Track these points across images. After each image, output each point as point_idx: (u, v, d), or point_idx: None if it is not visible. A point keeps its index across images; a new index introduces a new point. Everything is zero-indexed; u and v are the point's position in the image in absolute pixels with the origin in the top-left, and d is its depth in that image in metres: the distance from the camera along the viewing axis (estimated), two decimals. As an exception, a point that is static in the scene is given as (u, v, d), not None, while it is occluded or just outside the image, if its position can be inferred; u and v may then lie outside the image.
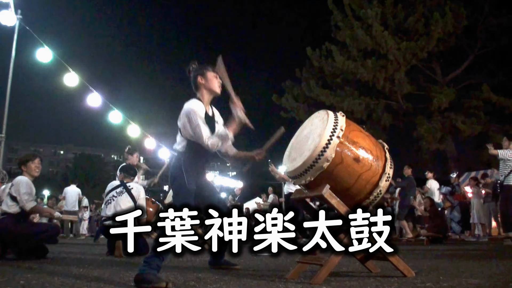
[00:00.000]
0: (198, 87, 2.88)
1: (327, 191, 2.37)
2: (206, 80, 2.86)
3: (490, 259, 3.98)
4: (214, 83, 2.86)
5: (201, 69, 2.88)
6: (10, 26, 7.55)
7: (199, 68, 2.90)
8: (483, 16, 14.53)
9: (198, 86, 2.88)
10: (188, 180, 2.70)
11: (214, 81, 2.86)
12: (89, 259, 4.38)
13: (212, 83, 2.86)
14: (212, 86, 2.86)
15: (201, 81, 2.86)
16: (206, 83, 2.86)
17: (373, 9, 14.03)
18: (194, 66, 2.92)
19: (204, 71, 2.87)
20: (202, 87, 2.87)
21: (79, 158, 54.50)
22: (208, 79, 2.86)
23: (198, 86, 2.88)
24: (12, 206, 4.15)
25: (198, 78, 2.86)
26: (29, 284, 2.40)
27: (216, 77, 2.88)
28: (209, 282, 2.45)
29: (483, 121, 13.98)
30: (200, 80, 2.86)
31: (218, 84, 2.88)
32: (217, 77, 2.88)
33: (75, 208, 11.81)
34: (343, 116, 2.52)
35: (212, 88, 2.86)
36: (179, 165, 2.75)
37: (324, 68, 16.29)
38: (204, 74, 2.86)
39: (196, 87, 2.89)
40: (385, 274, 2.68)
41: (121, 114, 9.71)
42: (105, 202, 5.15)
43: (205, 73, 2.86)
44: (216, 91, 2.87)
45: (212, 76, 2.87)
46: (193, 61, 2.94)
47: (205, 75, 2.86)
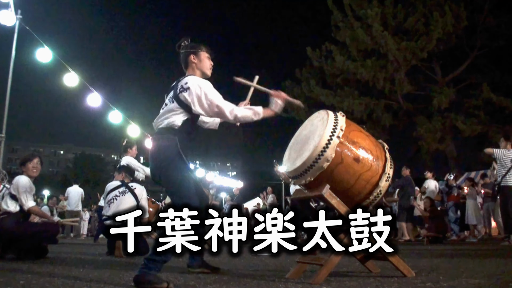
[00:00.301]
0: (188, 65, 2.72)
1: (327, 191, 2.37)
2: (199, 60, 2.70)
3: (490, 259, 3.98)
4: (206, 64, 2.73)
5: (195, 48, 2.72)
6: (10, 26, 7.55)
7: (192, 46, 2.73)
8: (483, 16, 14.54)
9: (188, 64, 2.71)
10: (187, 165, 2.45)
11: (206, 62, 2.73)
12: (89, 259, 4.38)
13: (205, 64, 2.72)
14: (204, 67, 2.71)
15: (194, 60, 2.70)
16: (198, 63, 2.70)
17: (373, 9, 14.04)
18: (186, 42, 2.76)
19: (197, 50, 2.71)
20: (194, 67, 2.70)
21: (79, 158, 54.52)
22: (201, 59, 2.71)
23: (188, 64, 2.71)
24: (12, 205, 4.15)
25: (191, 56, 2.70)
26: (29, 284, 2.40)
27: (209, 58, 2.75)
28: (209, 282, 2.45)
29: (483, 121, 13.98)
30: (193, 59, 2.70)
31: (210, 66, 2.75)
32: (209, 58, 2.76)
33: (78, 208, 11.80)
34: (343, 116, 2.51)
35: (203, 69, 2.71)
36: (173, 145, 2.41)
37: (324, 68, 16.30)
38: (197, 53, 2.71)
39: (187, 65, 2.72)
40: (385, 274, 2.67)
41: (121, 114, 9.71)
42: (107, 202, 5.12)
43: (198, 52, 2.71)
44: (206, 72, 2.72)
45: (205, 56, 2.73)
46: (185, 37, 2.79)
47: (198, 54, 2.71)
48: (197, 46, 2.74)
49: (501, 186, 6.44)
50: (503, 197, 6.54)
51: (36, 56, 7.95)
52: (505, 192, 6.42)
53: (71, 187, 12.08)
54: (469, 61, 15.47)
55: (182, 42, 2.76)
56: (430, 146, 14.78)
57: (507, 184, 6.36)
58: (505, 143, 6.55)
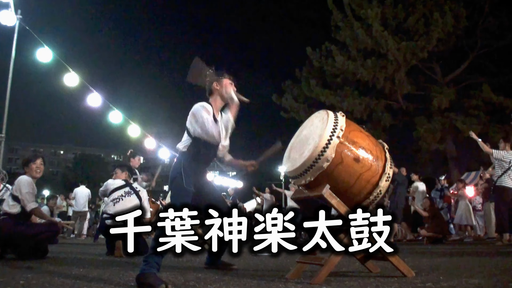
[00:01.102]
0: (212, 92, 2.95)
1: (327, 191, 2.37)
2: (221, 86, 2.92)
3: (490, 259, 3.98)
4: (228, 89, 2.91)
5: (218, 75, 2.95)
6: (10, 26, 7.56)
7: (216, 73, 2.96)
8: (483, 16, 14.53)
9: (212, 91, 2.95)
10: (186, 181, 2.72)
11: (228, 87, 2.91)
12: (89, 259, 4.38)
13: (227, 89, 2.90)
14: (225, 93, 2.90)
15: (216, 87, 2.93)
16: (220, 89, 2.92)
17: (373, 9, 14.02)
18: (211, 70, 2.98)
19: (220, 77, 2.94)
20: (216, 93, 2.93)
21: (79, 158, 54.54)
22: (223, 85, 2.92)
23: (212, 91, 2.95)
24: (13, 206, 4.14)
25: (214, 84, 2.93)
26: (29, 284, 2.40)
27: (231, 84, 2.94)
28: (209, 282, 2.45)
29: (483, 121, 13.98)
30: (216, 86, 2.93)
31: (233, 91, 2.90)
32: (232, 84, 2.94)
33: (85, 208, 11.81)
34: (343, 116, 2.52)
35: (225, 94, 2.90)
36: (179, 166, 2.78)
37: (324, 68, 16.28)
38: (220, 80, 2.93)
39: (210, 92, 2.96)
40: (385, 274, 2.68)
41: (121, 114, 9.72)
42: (111, 200, 5.10)
43: (221, 79, 2.93)
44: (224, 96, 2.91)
45: (228, 83, 2.93)
46: (210, 65, 2.99)
47: (221, 81, 2.93)
48: (220, 73, 2.98)
49: (496, 186, 6.48)
50: (498, 197, 6.60)
51: (36, 56, 7.96)
52: (500, 192, 6.47)
53: (78, 187, 12.05)
54: (469, 61, 15.45)
55: (208, 71, 2.98)
56: (430, 146, 14.77)
57: (502, 185, 6.41)
58: (504, 144, 6.59)
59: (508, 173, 6.37)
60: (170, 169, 2.91)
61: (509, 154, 6.46)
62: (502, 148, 6.58)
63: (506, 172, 6.37)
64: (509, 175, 6.38)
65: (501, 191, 6.43)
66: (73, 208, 12.03)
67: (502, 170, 6.40)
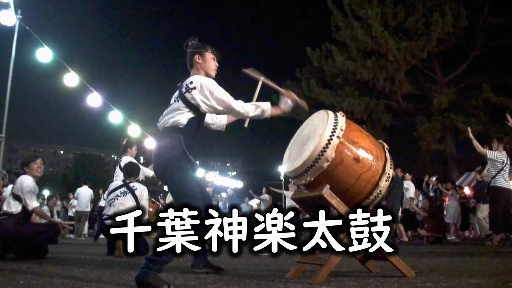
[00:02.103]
0: (193, 65, 2.73)
1: (327, 191, 2.37)
2: (203, 60, 2.72)
3: (490, 259, 3.98)
4: (211, 65, 2.73)
5: (200, 48, 2.74)
6: (10, 26, 7.55)
7: (198, 46, 2.75)
8: (483, 16, 14.53)
9: (193, 64, 2.73)
10: (192, 163, 2.42)
11: (211, 63, 2.74)
12: (89, 259, 4.38)
13: (209, 65, 2.73)
14: (208, 68, 2.72)
15: (198, 60, 2.71)
16: (202, 63, 2.71)
17: (373, 9, 14.03)
18: (193, 42, 2.78)
19: (203, 51, 2.73)
20: (198, 67, 2.71)
21: (79, 158, 54.50)
22: (206, 59, 2.72)
23: (193, 64, 2.73)
24: (14, 206, 4.14)
25: (196, 56, 2.71)
26: (29, 284, 2.40)
27: (214, 59, 2.76)
28: (209, 282, 2.45)
29: (483, 121, 13.98)
30: (197, 59, 2.71)
31: (215, 67, 2.76)
32: (215, 59, 2.77)
33: (88, 208, 11.82)
34: (343, 116, 2.51)
35: (207, 70, 2.71)
36: (178, 144, 2.41)
37: (324, 68, 16.29)
38: (203, 54, 2.72)
39: (191, 65, 2.74)
40: (385, 274, 2.68)
41: (121, 114, 9.72)
42: (108, 202, 5.12)
43: (203, 52, 2.73)
44: (210, 74, 2.72)
45: (210, 57, 2.74)
46: (193, 37, 2.80)
47: (204, 54, 2.72)
48: (202, 46, 2.75)
49: (491, 187, 6.51)
50: (492, 197, 6.64)
51: (36, 56, 7.96)
52: (494, 193, 6.51)
53: (80, 187, 12.06)
54: (469, 61, 15.46)
55: (190, 42, 2.78)
56: (430, 146, 14.78)
57: (496, 185, 6.44)
58: (497, 144, 6.63)
59: (502, 173, 6.42)
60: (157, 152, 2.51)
61: (502, 154, 6.50)
62: (495, 148, 6.61)
63: (500, 173, 6.41)
64: (503, 175, 6.43)
65: (495, 192, 6.47)
66: (76, 208, 12.05)
67: (496, 170, 6.44)
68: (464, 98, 14.78)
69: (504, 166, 6.39)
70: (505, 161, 6.42)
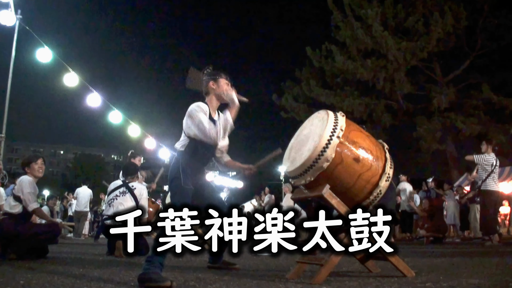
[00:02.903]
0: (208, 92, 2.93)
1: (327, 191, 2.37)
2: (217, 86, 2.90)
3: (490, 259, 3.98)
4: (230, 91, 2.88)
5: (214, 75, 2.92)
6: (10, 26, 7.56)
7: (213, 73, 2.94)
8: (483, 16, 14.52)
9: (208, 90, 2.92)
10: (184, 180, 2.71)
11: (224, 88, 2.90)
12: (89, 259, 4.38)
13: (223, 90, 2.89)
14: (221, 93, 2.88)
15: (212, 86, 2.90)
16: (217, 88, 2.89)
17: (373, 9, 14.02)
18: (208, 70, 2.96)
19: (217, 77, 2.91)
20: (212, 93, 2.91)
21: (79, 158, 54.55)
22: (219, 85, 2.90)
23: (208, 90, 2.92)
24: (14, 206, 4.14)
25: (210, 83, 2.91)
26: (29, 284, 2.40)
27: (228, 85, 2.92)
28: (209, 282, 2.45)
29: (483, 121, 13.98)
30: (212, 85, 2.90)
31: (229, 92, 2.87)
32: (228, 84, 2.92)
33: (86, 208, 11.85)
34: (343, 116, 2.51)
35: (221, 94, 2.88)
36: (177, 165, 2.77)
37: (324, 68, 16.28)
38: (217, 80, 2.91)
39: (207, 91, 2.93)
40: (385, 274, 2.68)
41: (121, 114, 9.73)
42: (107, 202, 5.13)
43: (217, 79, 2.91)
44: (224, 98, 2.88)
45: (224, 83, 2.91)
46: (208, 65, 2.98)
47: (217, 81, 2.90)
48: (217, 73, 2.95)
49: (482, 190, 6.52)
50: (483, 200, 6.66)
51: (36, 56, 7.96)
52: (485, 196, 6.52)
53: (80, 187, 12.08)
54: (469, 61, 15.45)
55: (205, 70, 2.97)
56: (430, 146, 14.77)
57: (486, 188, 6.43)
58: (486, 146, 6.59)
59: (492, 176, 6.39)
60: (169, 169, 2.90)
61: (491, 156, 6.47)
62: (484, 150, 6.58)
63: (490, 176, 6.39)
64: (493, 178, 6.41)
65: (486, 195, 6.48)
66: (75, 208, 12.06)
67: (486, 173, 6.42)
68: (464, 98, 14.77)
69: (493, 168, 6.39)
70: (494, 163, 6.41)
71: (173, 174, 2.77)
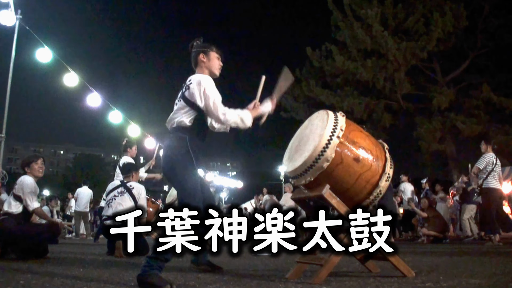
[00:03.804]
0: (197, 64, 2.76)
1: (327, 191, 2.37)
2: (208, 59, 2.74)
3: (490, 259, 3.98)
4: (215, 63, 2.76)
5: (205, 47, 2.77)
6: (10, 26, 7.55)
7: (203, 45, 2.78)
8: (483, 16, 14.53)
9: (198, 63, 2.76)
10: (196, 163, 2.44)
11: (215, 62, 2.77)
12: (89, 259, 4.38)
13: (213, 63, 2.75)
14: (212, 67, 2.75)
15: (203, 59, 2.74)
16: (207, 62, 2.74)
17: (373, 9, 14.03)
18: (198, 42, 2.81)
19: (207, 50, 2.76)
20: (203, 65, 2.74)
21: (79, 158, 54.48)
22: (210, 58, 2.75)
23: (198, 63, 2.76)
24: (15, 206, 4.14)
25: (200, 55, 2.74)
26: (29, 284, 2.40)
27: (219, 59, 2.80)
28: (209, 282, 2.45)
29: (483, 121, 13.98)
30: (202, 58, 2.74)
31: (219, 66, 2.80)
32: (219, 58, 2.80)
33: (87, 209, 11.87)
34: (343, 116, 2.51)
35: (212, 68, 2.74)
36: (184, 144, 2.45)
37: (324, 68, 16.29)
38: (207, 53, 2.75)
39: (196, 64, 2.77)
40: (385, 274, 2.67)
41: (121, 114, 9.72)
42: (106, 202, 5.13)
43: (208, 52, 2.76)
44: (215, 72, 2.75)
45: (215, 56, 2.77)
46: (198, 37, 2.84)
47: (208, 54, 2.75)
48: (207, 45, 2.79)
49: (483, 188, 6.57)
50: (485, 199, 6.69)
51: (36, 56, 7.96)
52: (487, 194, 6.55)
53: (80, 188, 12.10)
54: (469, 61, 15.46)
55: (195, 42, 2.81)
56: (430, 146, 14.78)
57: (488, 186, 6.49)
58: (486, 146, 6.68)
59: (493, 174, 6.47)
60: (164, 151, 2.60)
61: (491, 156, 6.54)
62: (484, 150, 6.66)
63: (491, 174, 6.47)
64: (494, 176, 6.48)
65: (488, 193, 6.52)
66: (75, 208, 12.09)
67: (487, 172, 6.49)
68: (464, 98, 14.78)
69: (494, 167, 6.47)
70: (494, 162, 6.49)
71: (177, 157, 2.44)
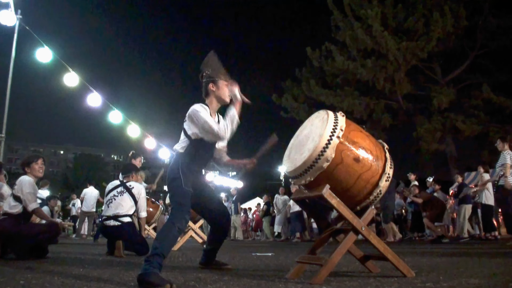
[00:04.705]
0: (208, 94, 2.92)
1: (327, 191, 2.37)
2: (217, 88, 2.90)
3: (490, 259, 3.98)
4: (224, 91, 2.90)
5: (214, 77, 2.92)
6: (10, 26, 7.56)
7: (212, 75, 2.93)
8: (483, 16, 14.52)
9: (208, 92, 2.92)
10: (184, 181, 2.70)
11: (224, 90, 2.91)
12: (89, 259, 4.37)
13: (222, 92, 2.90)
14: (222, 95, 2.90)
15: (212, 88, 2.90)
16: (216, 90, 2.90)
17: (373, 9, 14.03)
18: (207, 72, 2.95)
19: (216, 79, 2.91)
20: (212, 94, 2.91)
21: (79, 158, 54.53)
22: (219, 87, 2.90)
23: (208, 92, 2.92)
24: (14, 207, 4.14)
25: (210, 85, 2.90)
26: (29, 284, 2.40)
27: (227, 86, 2.92)
28: (209, 282, 2.45)
29: (483, 121, 13.98)
30: (211, 88, 2.90)
31: (228, 93, 2.91)
32: (228, 86, 2.92)
33: (93, 209, 11.91)
34: (343, 116, 2.51)
35: (221, 96, 2.90)
36: (177, 167, 2.76)
37: (324, 68, 16.29)
38: (216, 82, 2.90)
39: (206, 93, 2.93)
40: (385, 274, 2.67)
41: (121, 114, 9.73)
42: (106, 202, 5.12)
43: (217, 81, 2.91)
44: (225, 99, 2.91)
45: (223, 84, 2.91)
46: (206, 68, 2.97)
47: (217, 83, 2.91)
48: (216, 74, 2.93)
49: (499, 185, 6.52)
50: (501, 196, 6.66)
51: (36, 56, 7.96)
52: (503, 191, 6.51)
53: (87, 188, 12.12)
54: (469, 61, 15.45)
55: (204, 72, 2.95)
56: (430, 146, 14.77)
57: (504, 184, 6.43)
58: (502, 144, 6.63)
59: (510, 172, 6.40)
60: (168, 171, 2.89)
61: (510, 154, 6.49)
62: (501, 148, 6.63)
63: None
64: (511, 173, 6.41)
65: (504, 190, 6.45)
66: (83, 208, 12.13)
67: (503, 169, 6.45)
68: (464, 98, 14.77)
69: None
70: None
71: (172, 174, 2.77)
